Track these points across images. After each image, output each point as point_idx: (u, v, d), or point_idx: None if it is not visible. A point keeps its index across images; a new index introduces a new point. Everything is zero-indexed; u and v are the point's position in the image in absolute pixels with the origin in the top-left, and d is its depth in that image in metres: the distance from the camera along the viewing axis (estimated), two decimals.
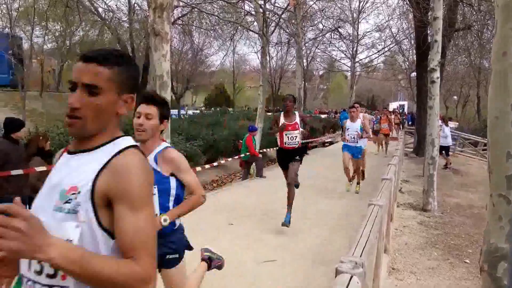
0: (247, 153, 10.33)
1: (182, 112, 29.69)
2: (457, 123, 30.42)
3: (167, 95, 7.46)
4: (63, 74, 28.96)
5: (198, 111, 29.47)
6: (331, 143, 21.59)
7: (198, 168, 9.47)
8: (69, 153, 1.23)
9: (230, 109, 30.16)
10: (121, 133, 1.25)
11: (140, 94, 1.70)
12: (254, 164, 10.97)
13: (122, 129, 1.27)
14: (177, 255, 2.36)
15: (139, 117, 2.27)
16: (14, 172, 4.84)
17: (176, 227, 2.38)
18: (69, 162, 1.21)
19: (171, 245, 2.33)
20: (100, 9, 18.04)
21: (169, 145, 2.37)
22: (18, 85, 17.30)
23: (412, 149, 17.42)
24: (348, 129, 7.97)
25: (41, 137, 5.69)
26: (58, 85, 28.31)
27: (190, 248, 2.51)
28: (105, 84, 1.17)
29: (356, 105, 8.38)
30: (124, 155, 1.16)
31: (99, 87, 1.17)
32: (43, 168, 5.31)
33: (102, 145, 1.19)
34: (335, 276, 1.79)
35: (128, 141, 1.22)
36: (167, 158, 2.28)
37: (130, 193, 1.11)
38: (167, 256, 2.33)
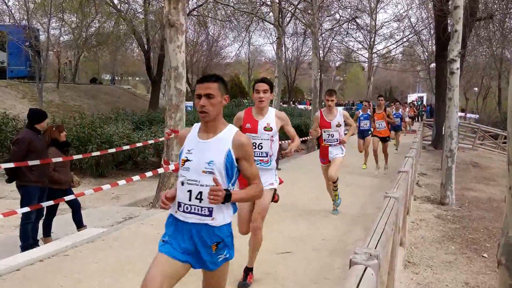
0: None
1: None
2: (477, 115, 29.73)
3: (182, 86, 7.47)
4: (79, 66, 29.35)
5: None
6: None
7: None
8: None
9: (245, 100, 30.14)
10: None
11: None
12: None
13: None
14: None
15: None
16: (32, 163, 4.94)
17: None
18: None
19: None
20: (115, 1, 18.20)
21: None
22: (36, 77, 17.58)
23: (430, 142, 17.12)
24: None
25: (54, 128, 5.76)
26: (74, 77, 28.72)
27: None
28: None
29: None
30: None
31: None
32: (59, 159, 5.39)
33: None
34: (349, 267, 1.78)
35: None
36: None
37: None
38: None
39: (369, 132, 9.79)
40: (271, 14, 15.03)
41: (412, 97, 41.03)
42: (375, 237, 2.30)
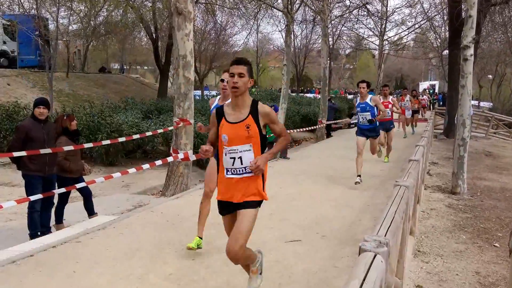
0: (271, 134, 10.21)
1: (206, 92, 29.78)
2: (491, 104, 29.22)
3: (191, 75, 7.44)
4: (88, 55, 29.41)
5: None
6: (356, 124, 21.21)
7: None
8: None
9: (254, 89, 30.01)
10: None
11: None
12: None
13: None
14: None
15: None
16: (43, 151, 4.97)
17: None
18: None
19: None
20: None
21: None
22: (46, 66, 17.67)
23: (442, 131, 16.90)
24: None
25: (64, 117, 5.79)
26: (83, 66, 28.81)
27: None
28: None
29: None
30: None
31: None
32: (70, 148, 5.42)
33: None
34: (359, 255, 1.78)
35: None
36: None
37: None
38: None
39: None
40: (279, 0, 14.86)
41: (424, 85, 40.44)
42: (385, 225, 2.29)
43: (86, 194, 5.87)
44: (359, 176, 6.91)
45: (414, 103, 15.42)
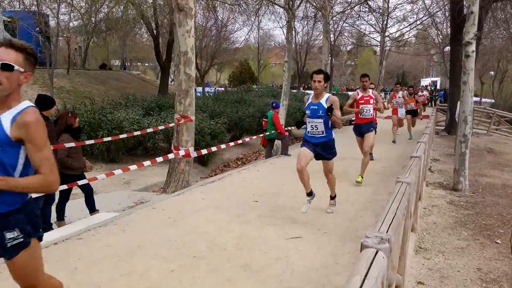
0: (273, 131, 10.19)
1: (207, 89, 29.77)
2: (493, 100, 29.14)
3: (192, 71, 7.42)
4: (89, 52, 29.38)
5: (222, 89, 29.45)
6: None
7: (223, 146, 9.50)
8: None
9: (255, 86, 29.97)
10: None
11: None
12: (278, 142, 10.88)
13: None
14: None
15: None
16: None
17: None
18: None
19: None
20: None
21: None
22: (46, 63, 17.65)
23: (443, 127, 16.88)
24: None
25: (69, 114, 5.79)
26: (84, 63, 28.78)
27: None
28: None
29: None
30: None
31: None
32: (72, 144, 5.42)
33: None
34: (360, 251, 1.77)
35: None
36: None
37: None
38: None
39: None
40: None
41: (425, 82, 40.34)
42: (386, 221, 2.28)
43: (88, 191, 5.87)
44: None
45: (409, 102, 12.81)
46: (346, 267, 3.61)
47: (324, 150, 4.98)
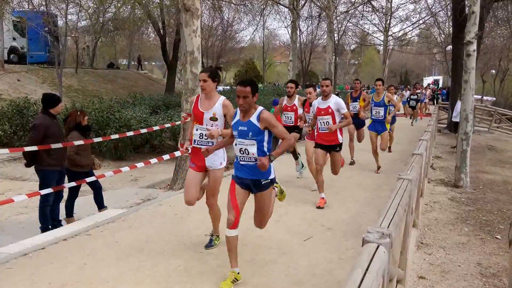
0: None
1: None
2: (494, 98, 29.06)
3: (198, 71, 7.53)
4: (97, 51, 29.56)
5: (228, 87, 29.55)
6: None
7: None
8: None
9: (260, 85, 30.02)
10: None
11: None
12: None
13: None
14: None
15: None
16: (54, 146, 5.09)
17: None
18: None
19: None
20: None
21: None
22: (55, 62, 17.85)
23: (445, 125, 16.90)
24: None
25: (78, 112, 5.93)
26: (92, 62, 28.98)
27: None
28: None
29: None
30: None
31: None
32: (81, 142, 5.54)
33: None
34: (362, 246, 1.84)
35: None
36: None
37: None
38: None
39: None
40: None
41: (428, 80, 40.22)
42: (388, 217, 2.35)
43: (96, 188, 5.99)
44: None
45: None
46: (349, 262, 3.68)
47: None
